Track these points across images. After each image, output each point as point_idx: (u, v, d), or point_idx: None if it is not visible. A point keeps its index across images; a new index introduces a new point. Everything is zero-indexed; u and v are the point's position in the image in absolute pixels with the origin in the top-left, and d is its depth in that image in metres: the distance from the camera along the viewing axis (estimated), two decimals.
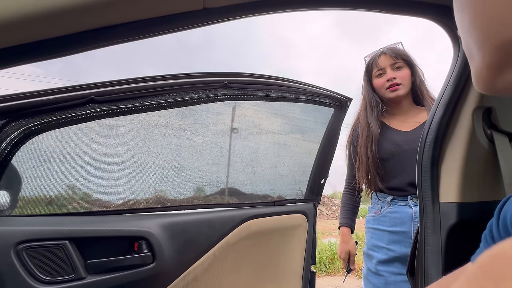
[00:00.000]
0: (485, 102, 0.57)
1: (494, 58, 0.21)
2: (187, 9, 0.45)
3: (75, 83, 0.63)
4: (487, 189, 0.58)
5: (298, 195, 1.04)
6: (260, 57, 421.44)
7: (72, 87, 0.60)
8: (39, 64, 0.81)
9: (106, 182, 0.62)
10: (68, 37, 0.43)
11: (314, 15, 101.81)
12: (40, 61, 0.44)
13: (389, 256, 1.00)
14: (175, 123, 0.71)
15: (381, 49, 1.05)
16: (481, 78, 0.23)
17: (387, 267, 1.00)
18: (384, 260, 1.00)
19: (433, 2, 0.55)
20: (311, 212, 1.02)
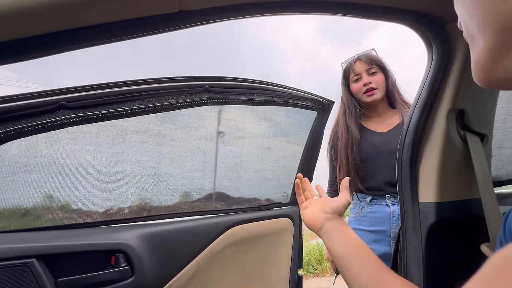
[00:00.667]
0: (458, 104, 0.59)
1: (496, 40, 0.20)
2: (162, 11, 0.43)
3: (50, 88, 0.59)
4: (463, 188, 0.60)
5: (284, 199, 1.04)
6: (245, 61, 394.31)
7: (41, 93, 0.57)
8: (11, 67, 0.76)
9: (79, 193, 0.59)
10: (39, 38, 0.40)
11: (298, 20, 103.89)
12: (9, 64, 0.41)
13: None
14: (154, 129, 0.68)
15: (356, 55, 1.11)
16: (481, 65, 0.22)
17: None
18: None
19: (408, 9, 0.57)
20: (296, 215, 1.02)
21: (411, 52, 20.77)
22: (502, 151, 0.79)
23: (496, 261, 0.14)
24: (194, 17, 0.43)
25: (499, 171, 0.81)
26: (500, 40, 0.20)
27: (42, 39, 0.40)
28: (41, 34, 0.40)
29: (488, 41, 0.21)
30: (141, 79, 0.69)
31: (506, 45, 0.20)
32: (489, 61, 0.22)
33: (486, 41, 0.21)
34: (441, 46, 0.57)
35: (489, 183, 0.56)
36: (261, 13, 0.45)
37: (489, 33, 0.21)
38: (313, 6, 0.48)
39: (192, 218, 0.77)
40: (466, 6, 0.22)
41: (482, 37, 0.21)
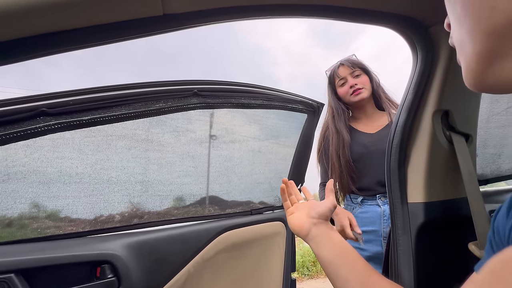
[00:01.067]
0: (442, 106, 0.60)
1: (485, 46, 0.21)
2: (146, 14, 0.42)
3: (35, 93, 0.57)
4: (450, 187, 0.61)
5: (276, 202, 1.03)
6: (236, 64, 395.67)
7: (20, 99, 0.54)
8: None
9: (61, 203, 0.56)
10: (19, 41, 0.38)
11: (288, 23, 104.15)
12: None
13: (364, 257, 1.02)
14: (141, 134, 0.66)
15: (339, 62, 1.16)
16: (471, 70, 0.23)
17: None
18: None
19: (393, 13, 0.58)
20: None
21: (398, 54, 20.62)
22: (487, 150, 0.81)
23: (493, 265, 0.14)
24: (178, 20, 0.42)
25: (484, 170, 0.83)
26: (489, 45, 0.21)
27: (23, 42, 0.39)
28: (22, 37, 0.39)
29: (478, 46, 0.21)
30: (127, 84, 0.67)
31: (496, 50, 0.20)
32: (479, 67, 0.22)
33: (476, 46, 0.21)
34: (425, 49, 0.58)
35: (475, 182, 0.57)
36: (246, 17, 0.45)
37: (478, 39, 0.21)
38: (299, 9, 0.48)
39: (182, 225, 0.76)
40: (456, 11, 0.23)
41: (471, 42, 0.22)
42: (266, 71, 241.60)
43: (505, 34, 0.19)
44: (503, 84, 0.22)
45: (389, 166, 0.63)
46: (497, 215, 0.27)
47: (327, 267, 0.44)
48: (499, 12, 0.19)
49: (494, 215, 0.28)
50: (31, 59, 0.43)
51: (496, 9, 0.19)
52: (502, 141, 0.85)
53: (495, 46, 0.20)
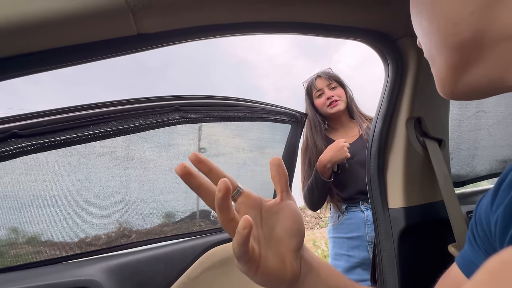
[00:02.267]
0: (414, 113, 0.63)
1: (455, 59, 0.22)
2: (120, 35, 0.43)
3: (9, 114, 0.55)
4: (427, 191, 0.63)
5: None
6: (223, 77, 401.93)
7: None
8: None
9: (34, 229, 0.53)
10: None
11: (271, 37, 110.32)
12: None
13: (351, 263, 1.04)
14: (121, 152, 0.65)
15: (316, 74, 1.20)
16: (444, 81, 0.24)
17: (350, 275, 1.02)
18: (347, 268, 1.04)
19: (363, 27, 0.61)
20: None
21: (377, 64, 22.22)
22: (461, 153, 0.85)
23: (492, 265, 0.14)
24: (153, 39, 0.43)
25: (460, 172, 0.87)
26: (458, 58, 0.22)
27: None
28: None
29: (448, 59, 0.22)
30: (106, 101, 0.66)
31: (464, 61, 0.22)
32: (451, 77, 0.23)
33: (446, 59, 0.22)
34: (394, 60, 0.62)
35: (450, 185, 0.59)
36: (220, 35, 0.46)
37: (447, 53, 0.22)
38: (273, 27, 0.50)
39: (166, 244, 0.73)
40: (423, 27, 0.24)
41: (441, 56, 0.23)
42: (253, 82, 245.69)
43: (471, 47, 0.21)
44: (473, 91, 0.23)
45: (369, 173, 0.65)
46: (479, 204, 0.27)
47: None
48: (463, 27, 0.20)
49: (476, 204, 0.27)
50: (4, 80, 0.42)
51: (460, 25, 0.20)
52: (474, 143, 0.89)
53: (463, 58, 0.21)
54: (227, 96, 0.90)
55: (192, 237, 0.79)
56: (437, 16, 0.22)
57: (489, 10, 0.19)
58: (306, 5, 0.49)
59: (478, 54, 0.21)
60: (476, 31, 0.20)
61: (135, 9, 0.38)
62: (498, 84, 0.21)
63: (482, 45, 0.20)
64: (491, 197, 0.25)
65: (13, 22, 0.34)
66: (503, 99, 0.97)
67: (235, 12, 0.45)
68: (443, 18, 0.21)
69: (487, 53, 0.20)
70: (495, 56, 0.20)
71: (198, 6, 0.42)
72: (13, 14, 0.33)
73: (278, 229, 0.30)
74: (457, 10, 0.20)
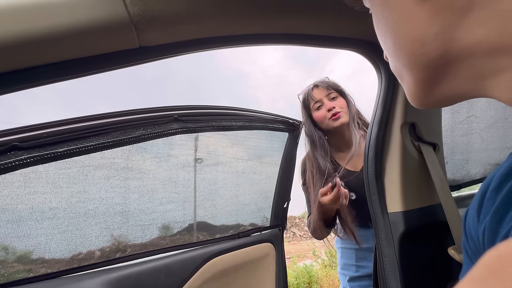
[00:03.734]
0: (408, 119, 0.65)
1: (423, 77, 0.23)
2: (122, 47, 0.44)
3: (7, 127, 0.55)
4: (425, 195, 0.64)
5: (263, 223, 1.02)
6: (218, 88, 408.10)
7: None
8: None
9: (32, 242, 0.53)
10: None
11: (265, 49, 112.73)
12: None
13: (361, 273, 1.01)
14: (120, 163, 0.65)
15: (312, 84, 1.05)
16: (415, 96, 0.25)
17: (358, 283, 1.01)
18: (355, 277, 1.02)
19: (356, 38, 0.63)
20: (277, 239, 1.00)
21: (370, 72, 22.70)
22: (455, 156, 0.87)
23: (489, 260, 0.13)
24: (155, 52, 0.44)
25: (455, 176, 0.88)
26: (426, 76, 0.23)
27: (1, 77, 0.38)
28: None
29: (417, 77, 0.23)
30: (105, 113, 0.67)
31: (433, 79, 0.23)
32: (421, 93, 0.24)
33: (415, 78, 0.23)
34: (386, 69, 0.64)
35: (446, 188, 0.60)
36: (219, 46, 0.48)
37: (415, 72, 0.23)
38: (271, 38, 0.52)
39: (166, 255, 0.72)
40: (388, 47, 0.25)
41: (409, 74, 0.24)
42: (248, 93, 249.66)
43: (438, 65, 0.22)
44: (442, 102, 0.25)
45: (367, 178, 0.66)
46: (465, 219, 0.27)
47: None
48: (429, 47, 0.21)
49: (463, 220, 0.28)
50: (7, 93, 0.43)
51: (426, 45, 0.21)
52: (468, 147, 0.91)
53: (431, 76, 0.23)
54: (224, 105, 0.91)
55: (191, 247, 0.79)
56: (403, 37, 0.22)
57: (452, 31, 0.20)
58: (301, 17, 0.51)
59: (446, 71, 0.22)
60: (442, 51, 0.21)
61: (138, 23, 0.40)
62: (465, 95, 0.23)
63: (449, 63, 0.21)
64: (477, 207, 0.24)
65: (21, 38, 0.35)
66: (492, 104, 1.00)
67: (234, 25, 0.47)
68: (409, 40, 0.22)
69: (454, 70, 0.21)
70: (462, 72, 0.21)
71: (199, 19, 0.44)
72: (21, 30, 0.34)
73: None
74: (421, 32, 0.21)
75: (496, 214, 0.21)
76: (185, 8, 0.42)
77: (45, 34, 0.35)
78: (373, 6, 0.26)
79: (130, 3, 0.38)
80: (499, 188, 0.22)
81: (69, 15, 0.36)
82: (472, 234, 0.25)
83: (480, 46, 0.19)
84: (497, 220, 0.21)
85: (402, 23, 0.22)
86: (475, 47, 0.20)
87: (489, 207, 0.23)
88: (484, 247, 0.23)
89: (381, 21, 0.25)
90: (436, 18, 0.20)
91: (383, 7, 0.24)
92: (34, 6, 0.35)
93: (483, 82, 0.21)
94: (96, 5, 0.37)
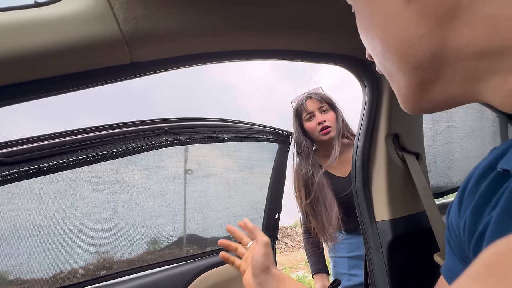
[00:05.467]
0: (392, 130, 0.68)
1: (415, 78, 0.22)
2: (115, 63, 0.45)
3: None
4: (410, 203, 0.67)
5: None
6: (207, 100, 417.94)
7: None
8: None
9: (14, 262, 0.50)
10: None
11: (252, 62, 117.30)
12: None
13: (354, 282, 1.02)
14: (109, 176, 0.64)
15: (306, 94, 1.10)
16: (406, 99, 0.24)
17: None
18: (347, 286, 1.02)
19: (339, 53, 0.67)
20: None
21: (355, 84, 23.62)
22: (437, 165, 0.91)
23: (488, 257, 0.13)
24: (146, 67, 0.45)
25: (439, 183, 0.92)
26: (418, 77, 0.22)
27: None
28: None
29: (408, 79, 0.22)
30: (94, 126, 0.67)
31: (424, 81, 0.22)
32: (413, 96, 0.23)
33: (407, 79, 0.23)
34: (370, 83, 0.67)
35: (430, 196, 0.63)
36: (210, 62, 0.49)
37: (406, 73, 0.22)
38: (256, 54, 0.54)
39: (155, 271, 0.70)
40: (375, 47, 0.24)
41: (400, 75, 0.23)
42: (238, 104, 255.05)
43: (428, 66, 0.21)
44: (434, 107, 0.24)
45: (355, 188, 0.67)
46: (449, 213, 0.28)
47: None
48: (417, 48, 0.21)
49: (446, 216, 0.28)
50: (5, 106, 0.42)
51: (414, 46, 0.21)
52: (449, 156, 0.96)
53: (422, 77, 0.22)
54: (215, 117, 0.92)
55: (182, 262, 0.77)
56: (391, 38, 0.22)
57: (439, 33, 0.20)
58: (288, 34, 0.54)
59: (437, 73, 0.21)
60: (431, 52, 0.21)
61: (130, 41, 0.41)
62: (458, 99, 0.23)
63: (440, 65, 0.21)
64: (458, 203, 0.26)
65: (15, 53, 0.35)
66: (469, 115, 1.06)
67: (223, 42, 0.49)
68: (398, 40, 0.21)
69: (445, 72, 0.21)
70: (453, 75, 0.21)
71: (189, 36, 0.45)
72: (15, 46, 0.35)
73: (251, 267, 0.45)
74: (408, 32, 0.21)
75: (475, 209, 0.22)
76: (176, 25, 0.43)
77: (38, 51, 0.36)
78: (357, 3, 0.25)
79: (122, 22, 0.39)
80: (478, 184, 0.23)
81: (64, 33, 0.37)
82: (454, 228, 0.26)
83: (469, 49, 0.19)
84: (476, 215, 0.22)
85: (388, 24, 0.22)
86: (464, 50, 0.19)
87: (468, 202, 0.24)
88: (464, 241, 0.24)
89: (366, 19, 0.24)
90: (422, 20, 0.20)
91: (368, 5, 0.23)
92: (29, 23, 0.35)
93: (475, 85, 0.21)
94: (90, 23, 0.38)
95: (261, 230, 0.51)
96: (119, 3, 0.38)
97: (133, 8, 0.38)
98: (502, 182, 0.21)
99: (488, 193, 0.22)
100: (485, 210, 0.21)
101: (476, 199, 0.23)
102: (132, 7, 0.39)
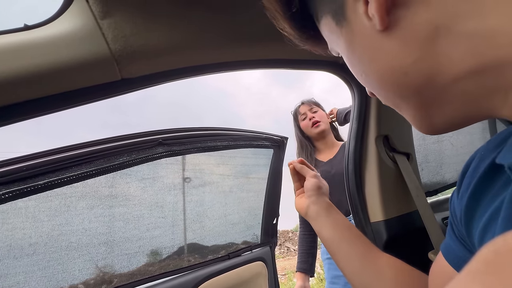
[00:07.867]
0: (382, 131, 0.70)
1: (421, 103, 0.22)
2: (105, 80, 0.46)
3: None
4: (403, 203, 0.68)
5: (253, 240, 1.01)
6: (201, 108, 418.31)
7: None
8: None
9: (9, 282, 0.50)
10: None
11: None
12: None
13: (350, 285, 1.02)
14: (104, 191, 0.64)
15: (300, 101, 1.42)
16: (420, 124, 0.24)
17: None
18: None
19: (326, 60, 0.69)
20: (269, 256, 1.00)
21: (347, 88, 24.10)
22: (429, 164, 0.93)
23: (486, 255, 0.13)
24: (136, 83, 0.46)
25: (432, 181, 0.93)
26: (423, 102, 0.22)
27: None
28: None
29: (415, 106, 0.23)
30: (87, 142, 0.67)
31: (430, 103, 0.22)
32: (426, 120, 0.23)
33: (413, 106, 0.23)
34: (358, 87, 0.69)
35: (422, 195, 0.64)
36: (199, 74, 0.50)
37: (410, 100, 0.23)
38: (245, 64, 0.56)
39: (155, 283, 0.70)
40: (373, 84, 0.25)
41: (406, 104, 0.23)
42: (233, 111, 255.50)
43: (428, 90, 0.21)
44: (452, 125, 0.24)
45: (349, 190, 0.68)
46: (452, 196, 0.29)
47: (328, 244, 0.45)
48: (412, 75, 0.21)
49: (450, 197, 0.29)
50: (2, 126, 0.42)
51: (409, 74, 0.21)
52: (440, 153, 0.97)
53: (427, 101, 0.22)
54: (209, 126, 0.93)
55: (181, 273, 0.77)
56: (384, 71, 0.22)
57: (428, 57, 0.20)
58: (276, 43, 0.56)
59: (440, 95, 0.21)
60: (425, 77, 0.21)
61: (119, 58, 0.42)
62: (472, 117, 0.22)
63: (440, 87, 0.21)
64: (457, 187, 0.26)
65: (8, 76, 0.36)
66: None
67: (212, 54, 0.50)
68: (389, 71, 0.22)
69: (447, 93, 0.21)
70: (458, 95, 0.21)
71: (177, 51, 0.46)
72: (7, 70, 0.35)
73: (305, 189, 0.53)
74: (398, 62, 0.21)
75: (474, 193, 0.23)
76: (165, 41, 0.44)
77: (29, 72, 0.37)
78: (342, 51, 0.26)
79: (111, 41, 0.40)
80: (477, 167, 0.24)
81: (54, 54, 0.37)
82: (456, 211, 0.27)
83: (462, 68, 0.19)
84: (475, 199, 0.23)
85: (376, 59, 0.22)
86: (458, 70, 0.19)
87: (466, 186, 0.24)
88: (462, 225, 0.25)
89: (355, 61, 0.25)
90: (407, 47, 0.20)
91: (352, 49, 0.24)
92: (19, 46, 0.36)
93: (482, 103, 0.20)
94: (79, 44, 0.39)
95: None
96: (107, 23, 0.39)
97: (121, 27, 0.39)
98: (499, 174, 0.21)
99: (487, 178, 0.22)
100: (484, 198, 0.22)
101: (474, 182, 0.23)
102: (120, 26, 0.40)
